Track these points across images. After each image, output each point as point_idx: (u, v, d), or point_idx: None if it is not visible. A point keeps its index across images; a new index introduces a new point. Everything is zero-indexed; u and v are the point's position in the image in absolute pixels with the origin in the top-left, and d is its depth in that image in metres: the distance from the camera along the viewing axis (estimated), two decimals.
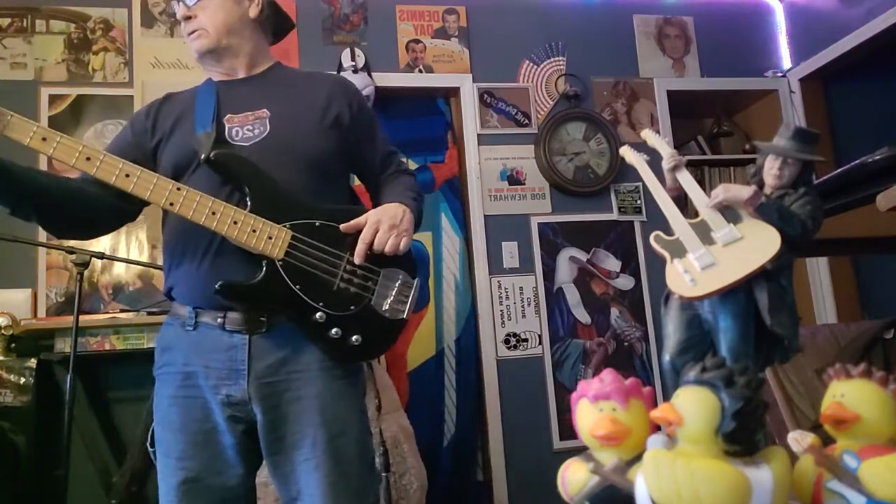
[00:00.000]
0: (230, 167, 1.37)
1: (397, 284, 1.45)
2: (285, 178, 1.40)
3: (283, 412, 1.37)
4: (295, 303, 1.35)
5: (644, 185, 1.55)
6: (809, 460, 0.88)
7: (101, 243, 3.00)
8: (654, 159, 1.57)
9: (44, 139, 1.24)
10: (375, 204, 1.56)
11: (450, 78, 3.49)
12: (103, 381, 2.89)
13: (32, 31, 3.10)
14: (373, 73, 3.32)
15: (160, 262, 3.03)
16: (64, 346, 2.57)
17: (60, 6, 3.14)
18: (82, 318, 2.42)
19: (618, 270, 3.50)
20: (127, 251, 3.03)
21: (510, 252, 3.40)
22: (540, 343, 3.35)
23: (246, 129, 1.43)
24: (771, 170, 1.41)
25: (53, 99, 3.04)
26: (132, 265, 2.97)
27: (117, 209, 1.45)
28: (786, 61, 3.85)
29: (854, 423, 0.84)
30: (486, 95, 3.51)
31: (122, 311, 2.84)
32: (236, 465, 1.39)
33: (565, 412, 3.23)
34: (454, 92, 3.53)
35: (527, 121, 3.53)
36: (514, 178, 3.46)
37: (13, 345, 2.64)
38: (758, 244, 1.32)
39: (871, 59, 3.49)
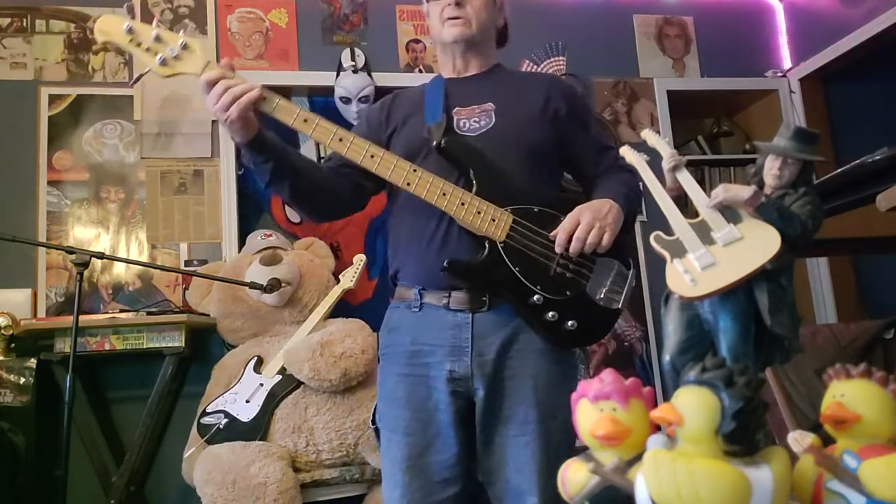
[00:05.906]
0: (458, 154, 1.46)
1: (612, 274, 1.47)
2: (508, 166, 1.47)
3: (500, 388, 1.42)
4: (514, 284, 1.41)
5: (644, 185, 1.55)
6: (809, 460, 0.87)
7: (101, 243, 3.00)
8: (654, 159, 1.57)
9: (305, 121, 1.40)
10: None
11: None
12: (103, 381, 2.89)
13: (32, 31, 3.10)
14: (373, 73, 3.32)
15: (160, 262, 3.06)
16: (64, 346, 2.57)
17: (60, 6, 3.14)
18: (82, 318, 2.41)
19: None
20: (127, 251, 3.03)
21: None
22: None
23: (473, 120, 1.52)
24: (771, 170, 1.41)
25: (53, 99, 3.02)
26: (132, 265, 2.97)
27: (353, 197, 1.58)
28: (786, 61, 3.85)
29: (854, 423, 0.84)
30: None
31: (121, 311, 2.84)
32: (453, 445, 1.43)
33: None
34: None
35: None
36: None
37: (13, 345, 2.64)
38: (758, 244, 1.32)
39: (871, 59, 3.49)
